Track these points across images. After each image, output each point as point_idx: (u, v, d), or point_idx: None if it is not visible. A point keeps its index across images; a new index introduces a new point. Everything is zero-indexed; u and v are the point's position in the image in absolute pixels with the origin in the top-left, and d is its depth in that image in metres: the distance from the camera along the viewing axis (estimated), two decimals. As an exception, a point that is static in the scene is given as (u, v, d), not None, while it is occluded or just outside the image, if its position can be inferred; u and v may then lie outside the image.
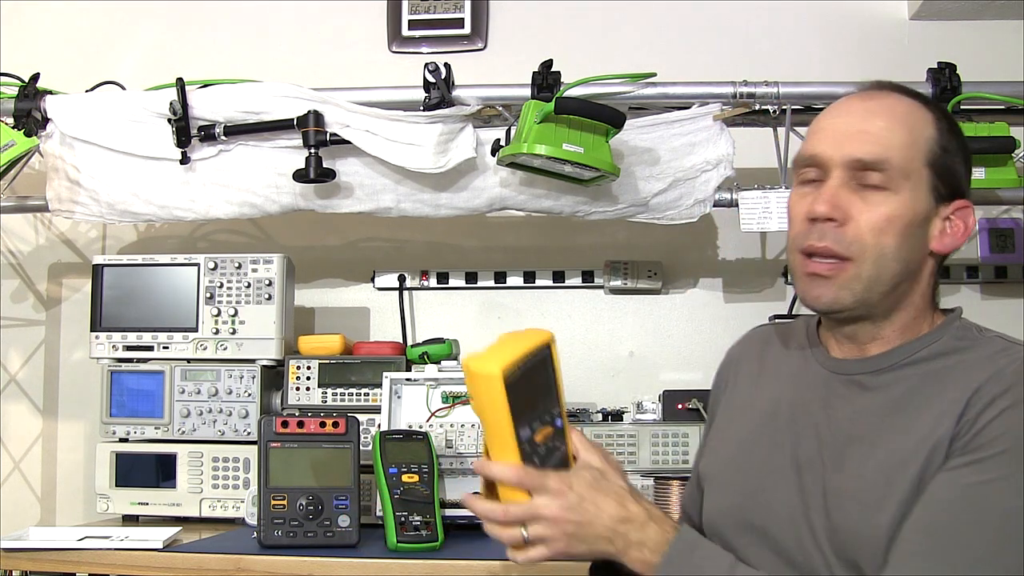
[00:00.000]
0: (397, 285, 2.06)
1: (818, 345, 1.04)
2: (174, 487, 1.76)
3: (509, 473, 0.86)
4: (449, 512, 1.59)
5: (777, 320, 1.29)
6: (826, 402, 0.99)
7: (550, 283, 2.06)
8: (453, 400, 1.70)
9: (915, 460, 0.87)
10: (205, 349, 1.80)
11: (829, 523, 0.91)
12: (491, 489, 0.89)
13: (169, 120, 1.65)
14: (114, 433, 1.80)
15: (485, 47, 2.13)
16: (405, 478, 1.48)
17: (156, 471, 1.78)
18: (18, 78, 1.72)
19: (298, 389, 1.80)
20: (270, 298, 1.80)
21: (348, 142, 1.63)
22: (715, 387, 1.17)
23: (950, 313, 1.00)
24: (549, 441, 0.88)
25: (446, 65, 1.67)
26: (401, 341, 1.97)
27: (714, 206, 1.70)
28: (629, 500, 0.90)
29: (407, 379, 1.72)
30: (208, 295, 1.80)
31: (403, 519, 1.44)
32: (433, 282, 2.07)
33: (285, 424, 1.50)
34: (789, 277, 1.82)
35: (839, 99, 1.02)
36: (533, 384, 0.87)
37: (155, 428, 1.79)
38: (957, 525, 0.82)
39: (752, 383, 1.10)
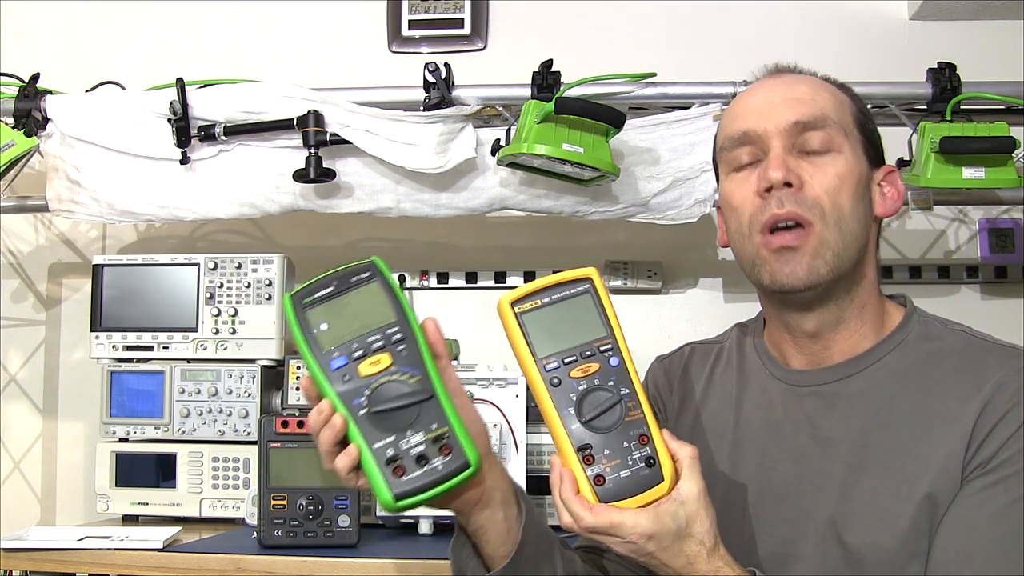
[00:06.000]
0: (397, 285, 2.06)
1: (770, 358, 0.99)
2: (174, 487, 1.76)
3: (582, 518, 0.79)
4: (448, 512, 1.58)
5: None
6: (796, 421, 0.93)
7: (550, 283, 2.06)
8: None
9: (923, 477, 0.83)
10: (205, 349, 1.80)
11: (832, 550, 0.86)
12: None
13: (169, 120, 1.65)
14: (114, 433, 1.80)
15: (485, 47, 2.13)
16: None
17: (156, 471, 1.78)
18: (18, 78, 1.72)
19: (298, 389, 1.80)
20: (270, 298, 1.80)
21: (348, 142, 1.63)
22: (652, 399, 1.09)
23: (901, 303, 0.96)
24: (595, 377, 0.82)
25: (446, 65, 1.67)
26: (401, 341, 1.97)
27: (714, 206, 1.70)
28: (702, 560, 0.79)
29: (407, 379, 1.70)
30: (208, 295, 1.80)
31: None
32: (433, 282, 2.07)
33: (285, 424, 1.50)
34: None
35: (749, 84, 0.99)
36: (563, 317, 0.84)
37: (155, 428, 1.79)
38: (995, 548, 0.79)
39: (685, 408, 1.04)
